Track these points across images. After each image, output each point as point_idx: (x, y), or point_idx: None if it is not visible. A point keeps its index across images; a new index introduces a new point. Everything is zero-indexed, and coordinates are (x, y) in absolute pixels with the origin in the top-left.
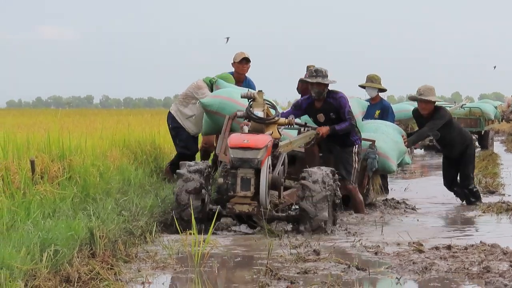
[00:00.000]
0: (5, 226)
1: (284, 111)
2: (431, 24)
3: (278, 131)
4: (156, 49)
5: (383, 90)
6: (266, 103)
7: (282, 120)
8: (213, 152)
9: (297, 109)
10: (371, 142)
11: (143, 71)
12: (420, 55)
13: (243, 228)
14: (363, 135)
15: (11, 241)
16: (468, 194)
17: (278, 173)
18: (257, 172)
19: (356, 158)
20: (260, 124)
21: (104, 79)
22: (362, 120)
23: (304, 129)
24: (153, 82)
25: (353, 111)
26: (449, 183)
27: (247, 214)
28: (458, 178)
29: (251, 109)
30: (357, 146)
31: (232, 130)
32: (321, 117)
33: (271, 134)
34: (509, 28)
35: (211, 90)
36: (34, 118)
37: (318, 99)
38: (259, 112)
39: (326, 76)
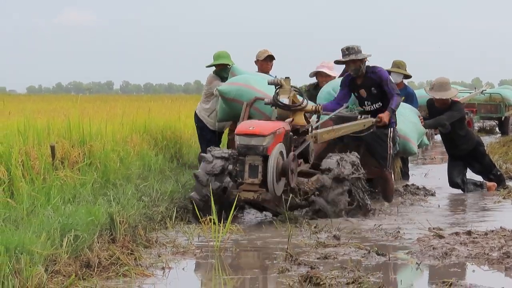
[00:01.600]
0: (26, 212)
1: (338, 93)
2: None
3: (306, 118)
4: (176, 35)
5: (408, 77)
6: (294, 90)
7: (309, 106)
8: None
9: (344, 87)
10: None
11: (163, 57)
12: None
13: (264, 214)
14: None
15: (31, 226)
16: (496, 180)
17: (293, 160)
18: (266, 159)
19: (391, 144)
20: (286, 111)
21: (124, 65)
22: None
23: (360, 117)
24: (173, 68)
25: None
26: (455, 178)
27: (252, 201)
28: (479, 169)
29: (277, 96)
30: (392, 130)
31: (250, 117)
32: (363, 92)
33: (291, 121)
34: None
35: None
36: (54, 103)
37: (358, 76)
38: (284, 99)
39: (360, 51)
